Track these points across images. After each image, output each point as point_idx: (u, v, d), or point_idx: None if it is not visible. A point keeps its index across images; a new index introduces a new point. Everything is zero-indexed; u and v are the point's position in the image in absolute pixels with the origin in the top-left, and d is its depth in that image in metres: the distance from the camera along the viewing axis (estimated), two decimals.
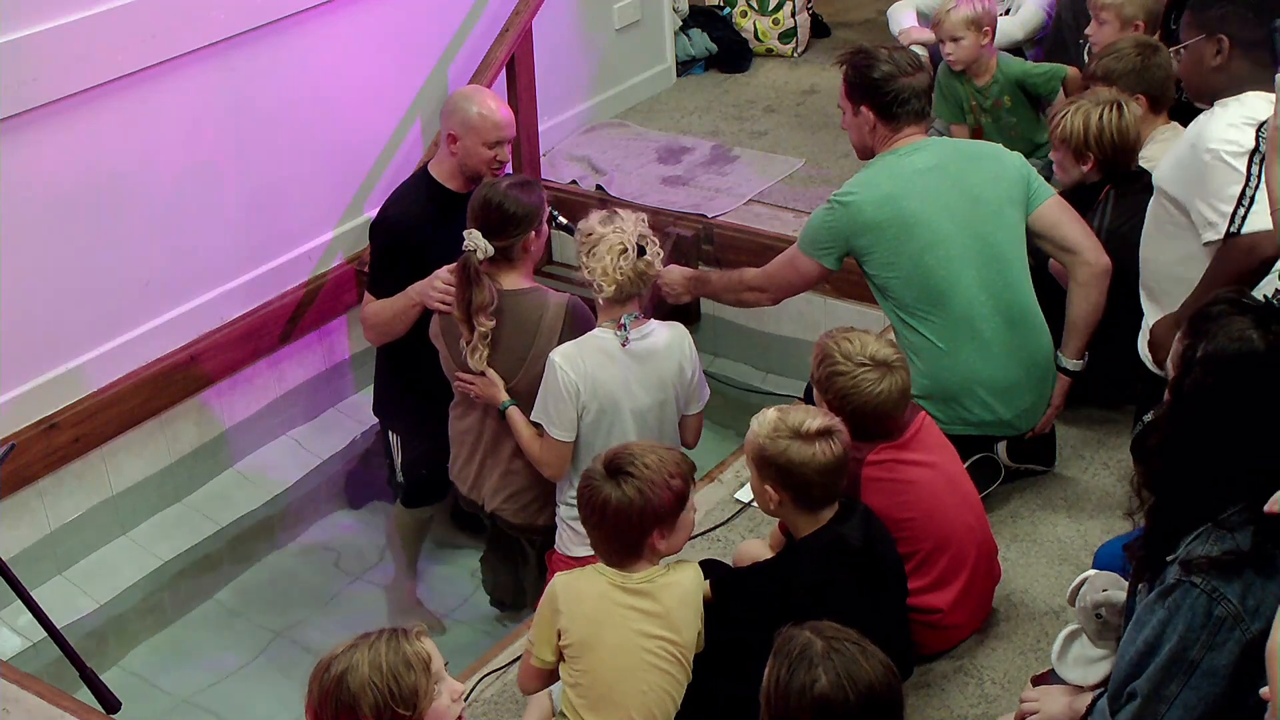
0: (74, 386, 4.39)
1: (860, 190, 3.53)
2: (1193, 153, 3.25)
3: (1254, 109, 3.19)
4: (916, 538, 3.09)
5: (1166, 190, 3.35)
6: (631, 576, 2.80)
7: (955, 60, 4.74)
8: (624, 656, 2.77)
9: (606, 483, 2.76)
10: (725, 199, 5.29)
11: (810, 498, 2.85)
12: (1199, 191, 3.23)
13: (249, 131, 4.70)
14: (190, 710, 4.09)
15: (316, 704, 2.34)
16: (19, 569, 3.59)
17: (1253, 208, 3.13)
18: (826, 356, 3.11)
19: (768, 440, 2.84)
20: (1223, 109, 3.26)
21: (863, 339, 3.11)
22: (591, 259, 3.40)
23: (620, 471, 2.76)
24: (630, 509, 2.74)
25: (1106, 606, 2.62)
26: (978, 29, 4.69)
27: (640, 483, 2.74)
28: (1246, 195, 3.14)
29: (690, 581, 2.86)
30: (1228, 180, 3.16)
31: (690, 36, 6.46)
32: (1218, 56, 3.26)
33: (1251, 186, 3.13)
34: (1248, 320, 2.30)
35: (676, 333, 3.55)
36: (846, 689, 2.20)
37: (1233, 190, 3.15)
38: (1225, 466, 2.29)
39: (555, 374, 3.44)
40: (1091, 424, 3.96)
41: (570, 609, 2.80)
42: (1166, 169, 3.39)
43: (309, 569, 4.62)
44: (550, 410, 3.48)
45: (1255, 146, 3.13)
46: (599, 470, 2.79)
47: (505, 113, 4.14)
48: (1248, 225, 3.14)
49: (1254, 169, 3.13)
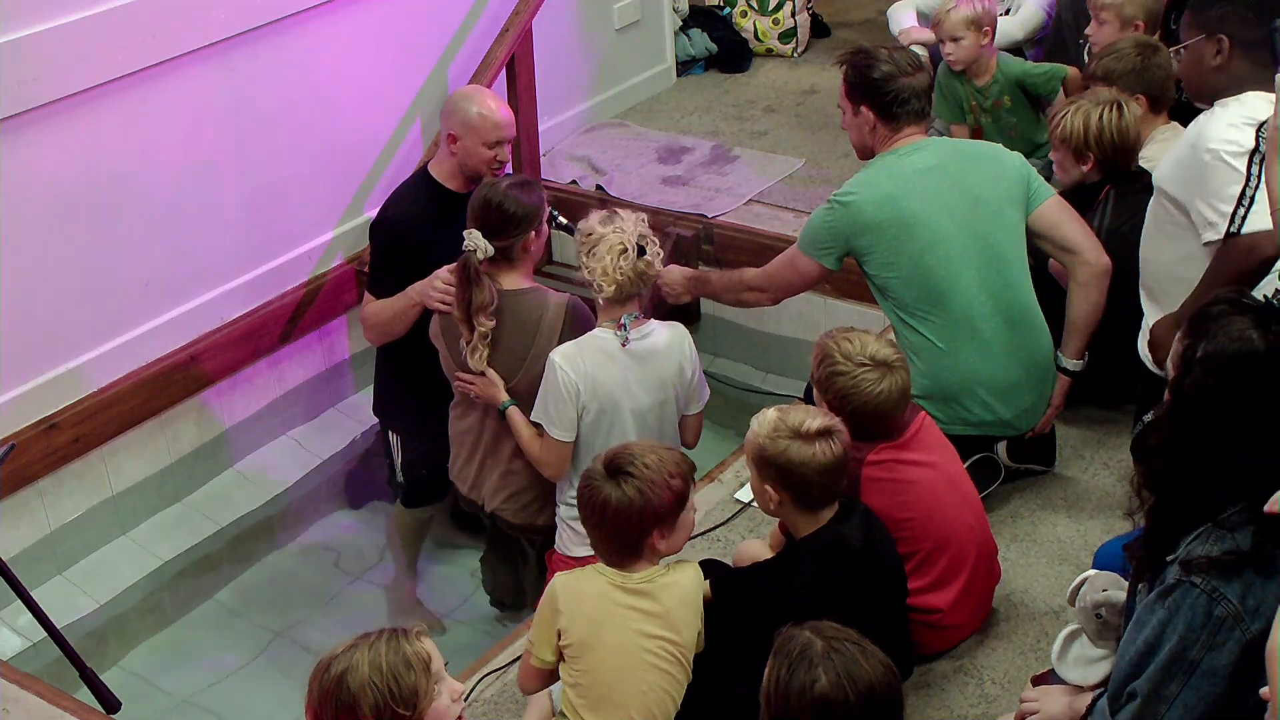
0: (74, 386, 4.39)
1: (860, 190, 3.53)
2: (1193, 153, 3.25)
3: (1254, 109, 3.19)
4: (916, 538, 3.09)
5: (1166, 190, 3.35)
6: (631, 576, 2.80)
7: (955, 60, 4.74)
8: (624, 656, 2.77)
9: (607, 483, 2.76)
10: (725, 199, 5.29)
11: (810, 498, 2.85)
12: (1199, 191, 3.23)
13: (249, 131, 4.70)
14: (190, 710, 4.09)
15: (316, 704, 2.34)
16: (19, 569, 3.59)
17: (1253, 208, 3.13)
18: (826, 356, 3.10)
19: (768, 440, 2.84)
20: (1223, 109, 3.25)
21: (863, 339, 3.11)
22: (591, 259, 3.40)
23: (620, 471, 2.76)
24: (630, 509, 2.74)
25: (1106, 606, 2.62)
26: (978, 29, 4.69)
27: (640, 483, 2.74)
28: (1246, 195, 3.14)
29: (690, 581, 2.86)
30: (1228, 180, 3.16)
31: (690, 36, 6.46)
32: (1218, 56, 3.26)
33: (1251, 186, 3.13)
34: (1248, 320, 2.30)
35: (676, 333, 3.55)
36: (846, 689, 2.20)
37: (1233, 190, 3.15)
38: (1225, 466, 2.29)
39: (555, 374, 3.44)
40: (1091, 424, 3.96)
41: (570, 609, 2.80)
42: (1166, 169, 3.39)
43: (309, 569, 4.62)
44: (550, 410, 3.48)
45: (1255, 146, 3.13)
46: (599, 470, 2.79)
47: (505, 113, 4.14)
48: (1248, 225, 3.14)
49: (1254, 169, 3.13)
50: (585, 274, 3.44)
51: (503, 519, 3.86)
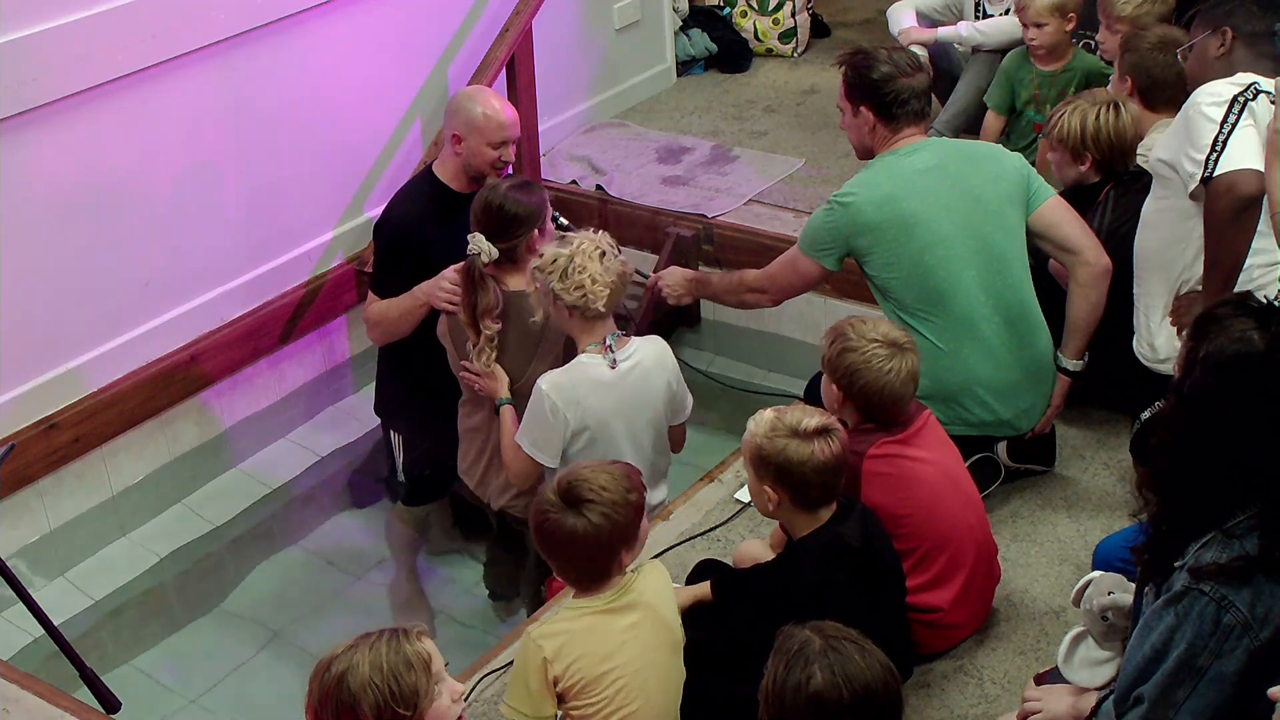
0: (74, 386, 4.39)
1: (860, 191, 3.53)
2: (1182, 115, 3.33)
3: (1244, 79, 3.25)
4: (917, 534, 3.09)
5: (1163, 158, 3.42)
6: (604, 595, 2.76)
7: (1038, 45, 4.68)
8: (639, 669, 2.75)
9: (568, 514, 2.69)
10: (725, 199, 5.29)
11: (808, 497, 2.85)
12: (1184, 148, 3.31)
13: (249, 131, 4.70)
14: (191, 710, 4.08)
15: (316, 704, 2.34)
16: (19, 569, 3.59)
17: (1226, 150, 3.20)
18: (840, 334, 3.14)
19: (765, 440, 2.84)
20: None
21: (876, 322, 3.16)
22: (570, 278, 3.36)
23: (580, 500, 2.69)
24: (600, 535, 2.69)
25: (1113, 609, 2.62)
26: (1061, 15, 4.63)
27: (603, 507, 2.68)
28: (1219, 140, 3.21)
29: (658, 576, 2.87)
30: (1205, 130, 3.24)
31: (690, 36, 6.45)
32: (1221, 48, 3.33)
33: (1225, 131, 3.20)
34: (1250, 321, 2.31)
35: (658, 347, 3.54)
36: (841, 687, 2.20)
37: (1209, 138, 3.23)
38: (1228, 468, 2.29)
39: (544, 403, 3.42)
40: (1091, 424, 3.96)
41: (566, 655, 2.72)
42: (1163, 139, 3.44)
43: (309, 569, 4.61)
44: (536, 435, 3.47)
45: (1236, 96, 3.20)
46: (555, 502, 2.71)
47: (510, 113, 4.14)
48: (1220, 166, 3.21)
49: (1230, 115, 3.20)
50: (568, 299, 3.38)
51: (510, 515, 3.86)
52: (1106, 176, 3.87)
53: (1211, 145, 3.22)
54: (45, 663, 3.90)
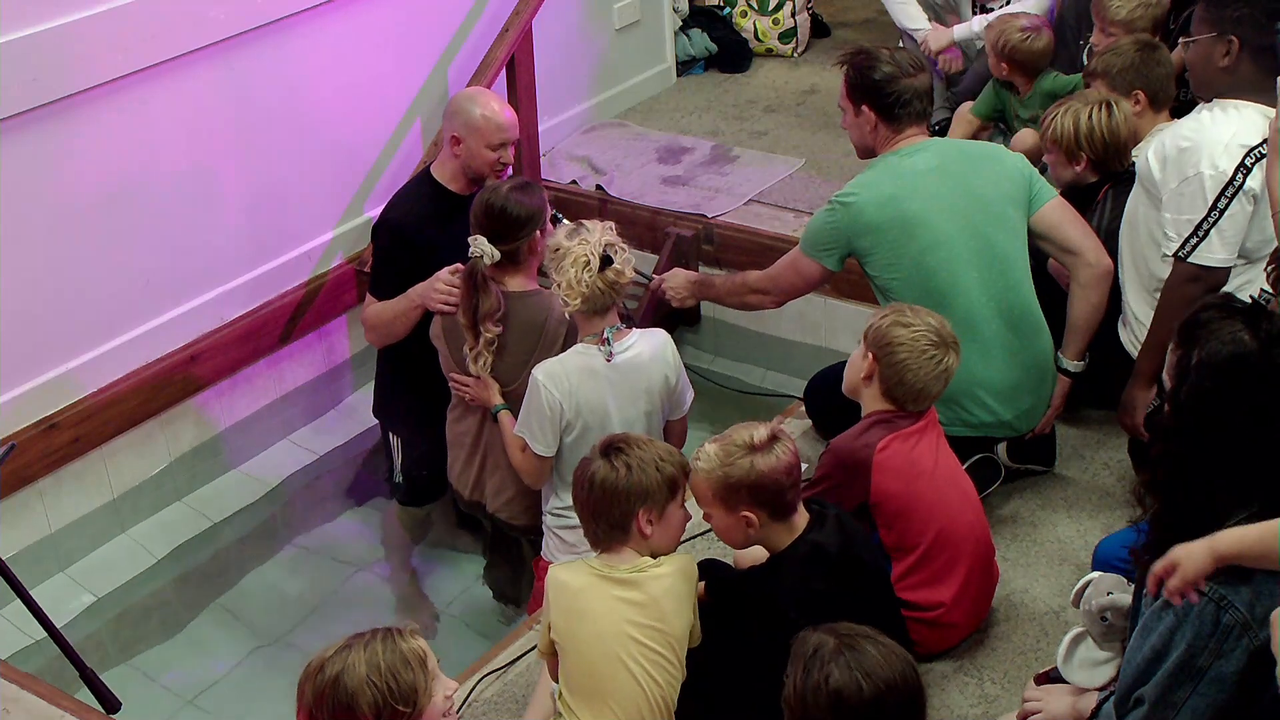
0: (74, 387, 4.39)
1: (861, 191, 3.53)
2: (1180, 159, 3.32)
3: (1249, 129, 3.23)
4: (918, 530, 3.09)
5: (1150, 175, 3.42)
6: (618, 567, 2.79)
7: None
8: (607, 645, 2.75)
9: (598, 460, 2.80)
10: (725, 199, 5.29)
11: (783, 504, 2.82)
12: (1173, 205, 3.33)
13: (249, 131, 4.70)
14: (190, 710, 4.09)
15: (310, 706, 2.33)
16: (19, 569, 3.59)
17: (1206, 239, 3.26)
18: (896, 309, 3.15)
19: (726, 467, 2.78)
20: (1223, 114, 3.28)
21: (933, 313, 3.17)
22: (558, 274, 3.39)
23: (613, 449, 2.80)
24: (616, 482, 2.75)
25: (1112, 610, 2.62)
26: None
27: (629, 459, 2.77)
28: (1203, 228, 3.27)
29: (678, 573, 2.83)
30: (1197, 207, 3.27)
31: (690, 36, 6.46)
32: (1226, 58, 3.29)
33: (1210, 221, 3.26)
34: (1238, 322, 2.31)
35: (659, 340, 3.53)
36: (860, 682, 2.20)
37: (1195, 218, 3.27)
38: (1228, 471, 2.29)
39: (539, 392, 3.43)
40: (1091, 424, 3.96)
41: (556, 601, 2.80)
42: (1154, 161, 3.43)
43: (308, 568, 4.61)
44: (533, 426, 3.47)
45: (1230, 179, 3.22)
46: (595, 450, 2.84)
47: (509, 115, 4.14)
48: (1195, 255, 3.28)
49: (1221, 202, 3.24)
50: (555, 290, 3.43)
51: (504, 520, 3.86)
52: (1104, 176, 3.86)
53: (1194, 229, 3.28)
54: (45, 663, 3.91)
